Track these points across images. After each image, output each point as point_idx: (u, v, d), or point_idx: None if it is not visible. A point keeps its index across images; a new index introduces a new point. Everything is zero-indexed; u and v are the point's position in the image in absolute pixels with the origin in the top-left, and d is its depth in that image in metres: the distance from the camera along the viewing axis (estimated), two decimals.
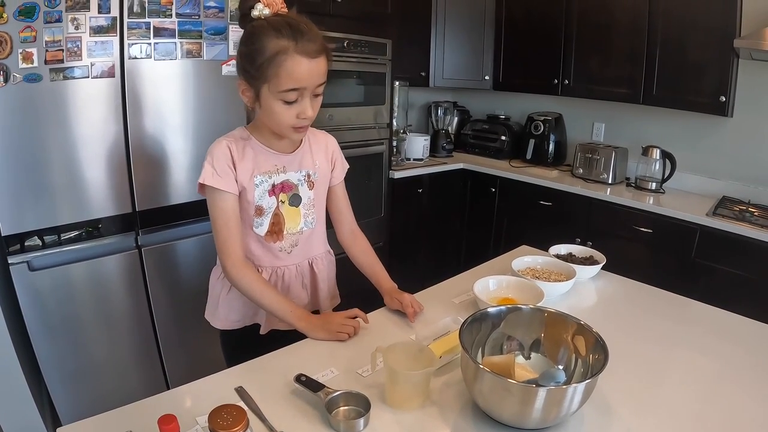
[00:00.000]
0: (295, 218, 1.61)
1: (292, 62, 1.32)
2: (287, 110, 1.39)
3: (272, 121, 1.44)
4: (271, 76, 1.34)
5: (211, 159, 1.47)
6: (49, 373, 2.28)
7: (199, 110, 2.50)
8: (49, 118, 2.08)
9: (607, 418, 1.17)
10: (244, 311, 1.64)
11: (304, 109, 1.40)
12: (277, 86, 1.35)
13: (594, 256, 2.04)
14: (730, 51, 3.02)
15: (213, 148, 1.49)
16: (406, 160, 4.25)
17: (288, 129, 1.44)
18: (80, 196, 2.23)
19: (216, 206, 1.47)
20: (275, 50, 1.32)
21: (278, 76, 1.33)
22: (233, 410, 0.94)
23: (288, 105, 1.38)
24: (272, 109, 1.39)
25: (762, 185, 3.34)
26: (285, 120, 1.41)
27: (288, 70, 1.33)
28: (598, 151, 3.78)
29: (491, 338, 1.29)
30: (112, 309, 2.41)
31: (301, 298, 1.68)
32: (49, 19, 2.00)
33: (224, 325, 1.67)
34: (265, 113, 1.43)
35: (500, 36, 4.31)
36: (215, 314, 1.67)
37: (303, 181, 1.60)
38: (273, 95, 1.37)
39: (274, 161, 1.54)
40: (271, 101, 1.38)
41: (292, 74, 1.33)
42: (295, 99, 1.38)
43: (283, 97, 1.37)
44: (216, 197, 1.47)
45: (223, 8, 2.43)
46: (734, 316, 1.71)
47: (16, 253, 2.11)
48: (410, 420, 1.14)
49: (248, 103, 1.45)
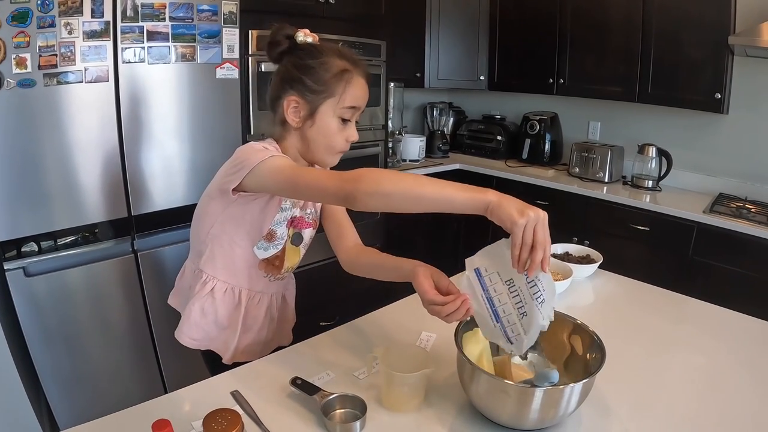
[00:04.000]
0: (293, 258, 1.57)
1: (356, 81, 1.39)
2: (340, 131, 1.41)
3: (324, 140, 1.42)
4: (337, 91, 1.37)
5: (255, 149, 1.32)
6: (47, 379, 2.27)
7: (194, 114, 2.49)
8: (43, 123, 2.08)
9: (605, 417, 1.17)
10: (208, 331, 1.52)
11: (353, 133, 1.43)
12: (343, 102, 1.38)
13: (591, 254, 2.04)
14: (725, 48, 3.03)
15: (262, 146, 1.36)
16: (402, 161, 4.26)
17: (333, 152, 1.45)
18: (76, 201, 2.22)
19: (281, 167, 1.27)
20: (342, 67, 1.37)
21: (345, 91, 1.37)
22: (228, 414, 0.94)
23: (342, 125, 1.41)
24: (329, 127, 1.40)
25: (759, 182, 3.34)
26: (337, 140, 1.42)
27: (354, 87, 1.38)
28: (594, 150, 3.78)
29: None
30: (108, 314, 2.40)
31: (267, 331, 1.62)
32: (43, 24, 2.00)
33: (183, 340, 1.52)
34: (318, 132, 1.41)
35: (495, 36, 4.32)
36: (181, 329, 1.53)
37: (310, 218, 1.57)
38: (334, 111, 1.39)
39: None
40: (330, 119, 1.39)
41: (356, 92, 1.39)
42: (349, 119, 1.41)
43: (343, 114, 1.39)
44: (274, 162, 1.27)
45: (217, 11, 2.42)
46: (732, 313, 1.71)
47: (12, 259, 2.10)
48: (407, 422, 1.14)
49: (296, 122, 1.40)
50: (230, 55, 2.53)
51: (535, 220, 1.02)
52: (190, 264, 1.59)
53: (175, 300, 1.70)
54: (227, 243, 1.47)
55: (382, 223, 3.87)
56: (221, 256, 1.48)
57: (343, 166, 1.75)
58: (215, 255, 1.48)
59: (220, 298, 1.50)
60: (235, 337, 1.53)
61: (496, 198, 1.05)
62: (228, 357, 1.54)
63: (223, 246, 1.47)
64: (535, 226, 1.02)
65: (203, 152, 2.54)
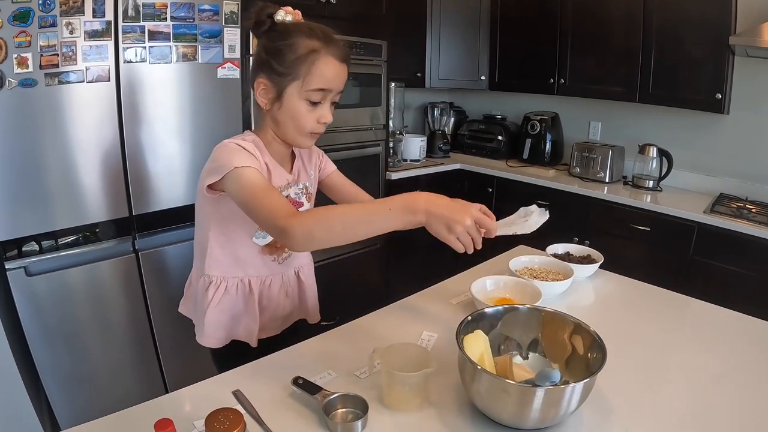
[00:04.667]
0: None
1: (324, 62, 1.34)
2: (310, 112, 1.39)
3: (292, 123, 1.41)
4: (303, 73, 1.34)
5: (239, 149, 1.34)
6: (48, 378, 2.27)
7: (195, 113, 2.49)
8: (44, 123, 2.08)
9: (606, 417, 1.17)
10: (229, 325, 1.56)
11: (325, 114, 1.40)
12: (308, 84, 1.35)
13: (591, 254, 2.04)
14: (726, 48, 3.02)
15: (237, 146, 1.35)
16: (403, 161, 4.25)
17: (304, 133, 1.42)
18: (77, 201, 2.22)
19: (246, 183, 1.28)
20: (309, 48, 1.33)
21: (310, 73, 1.34)
22: (230, 414, 0.94)
23: (311, 107, 1.38)
24: (296, 109, 1.38)
25: (759, 182, 3.34)
26: (306, 122, 1.40)
27: (320, 68, 1.34)
28: (595, 150, 3.78)
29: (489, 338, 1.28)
30: (109, 313, 2.41)
31: (283, 307, 1.64)
32: (44, 24, 2.00)
33: (212, 343, 1.57)
34: (286, 114, 1.40)
35: (495, 36, 4.32)
36: (202, 332, 1.56)
37: (302, 194, 1.58)
38: (299, 94, 1.36)
39: (285, 176, 1.52)
40: (296, 101, 1.37)
41: (323, 74, 1.35)
42: (319, 101, 1.38)
43: (310, 97, 1.37)
44: (244, 174, 1.29)
45: (218, 11, 2.42)
46: (733, 314, 1.71)
47: (13, 259, 2.10)
48: (408, 422, 1.14)
49: (265, 104, 1.42)
50: (231, 54, 2.53)
51: (463, 232, 1.17)
52: (196, 272, 1.60)
53: (185, 308, 1.71)
54: (227, 242, 1.50)
55: None
56: (224, 256, 1.51)
57: (344, 166, 1.77)
58: (218, 256, 1.51)
59: (234, 293, 1.54)
60: (256, 322, 1.56)
61: (425, 218, 1.17)
62: (253, 340, 1.57)
63: (224, 246, 1.50)
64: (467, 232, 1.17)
65: (204, 152, 2.51)
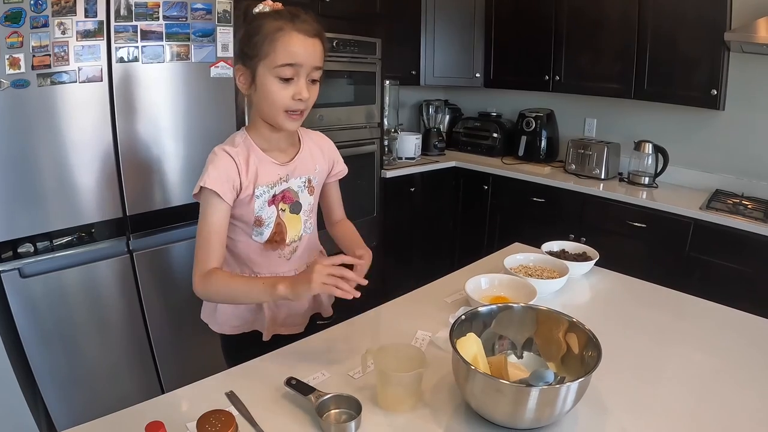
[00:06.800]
0: (296, 225, 1.58)
1: (288, 37, 1.34)
2: (282, 89, 1.37)
3: (266, 102, 1.40)
4: (268, 51, 1.34)
5: (214, 166, 1.40)
6: (43, 380, 2.26)
7: (188, 113, 2.48)
8: (37, 123, 2.07)
9: (602, 416, 1.17)
10: (245, 316, 1.60)
11: (300, 90, 1.38)
12: (274, 61, 1.35)
13: (587, 252, 2.03)
14: (721, 44, 3.02)
15: (217, 158, 1.42)
16: (398, 159, 4.25)
17: (282, 114, 1.41)
18: (71, 202, 2.21)
19: (206, 215, 1.40)
20: (273, 28, 1.35)
21: (275, 50, 1.34)
22: (221, 416, 0.93)
23: (283, 84, 1.37)
24: (267, 88, 1.38)
25: (755, 178, 3.34)
26: (280, 100, 1.38)
27: (284, 44, 1.34)
28: (591, 147, 3.78)
29: (483, 338, 1.28)
30: (105, 314, 2.40)
31: (302, 303, 1.65)
32: (36, 24, 1.99)
33: (224, 330, 1.61)
34: (261, 95, 1.40)
35: (490, 33, 4.31)
36: (214, 317, 1.61)
37: (304, 187, 1.57)
38: (269, 72, 1.36)
39: (277, 171, 1.50)
40: (267, 80, 1.37)
41: (287, 47, 1.34)
42: (291, 77, 1.37)
43: (279, 73, 1.36)
44: (210, 205, 1.39)
45: (211, 10, 2.41)
46: (729, 310, 1.71)
47: (8, 260, 2.10)
48: (402, 422, 1.14)
49: (244, 89, 1.44)
50: (225, 53, 2.52)
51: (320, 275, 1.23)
52: None
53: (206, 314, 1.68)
54: (231, 242, 1.53)
55: (379, 223, 3.87)
56: (231, 256, 1.57)
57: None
58: (226, 257, 1.52)
59: None
60: (271, 313, 1.59)
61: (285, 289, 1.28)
62: (268, 334, 1.59)
63: (229, 246, 1.53)
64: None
65: (198, 152, 2.53)
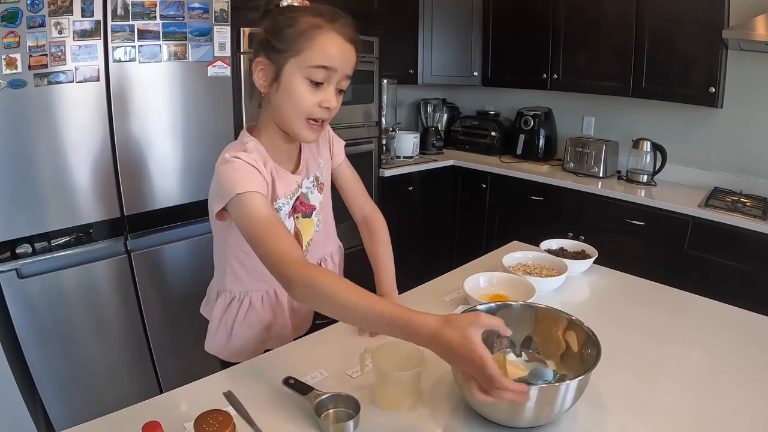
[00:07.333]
0: (309, 228, 1.52)
1: (327, 37, 1.23)
2: (310, 92, 1.26)
3: (290, 104, 1.27)
4: (303, 48, 1.22)
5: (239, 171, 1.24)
6: (42, 380, 2.26)
7: (186, 112, 2.48)
8: (34, 124, 2.07)
9: (601, 414, 1.16)
10: (262, 338, 1.51)
11: (329, 97, 1.27)
12: (308, 60, 1.22)
13: (586, 250, 2.03)
14: (719, 42, 3.03)
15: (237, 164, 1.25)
16: (396, 158, 4.25)
17: (302, 120, 1.29)
18: (69, 202, 2.21)
19: (253, 213, 1.20)
20: (311, 24, 1.22)
21: (311, 48, 1.22)
22: (219, 415, 0.93)
23: (312, 87, 1.25)
24: (294, 88, 1.25)
25: (753, 175, 3.34)
26: (305, 104, 1.26)
27: (322, 44, 1.22)
28: (589, 145, 3.78)
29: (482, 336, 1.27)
30: (103, 314, 2.40)
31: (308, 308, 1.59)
32: (32, 24, 1.98)
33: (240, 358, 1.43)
34: (284, 95, 1.27)
35: (488, 31, 4.31)
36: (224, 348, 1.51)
37: (312, 187, 1.50)
38: (299, 71, 1.24)
39: (294, 180, 1.42)
40: (296, 79, 1.24)
41: (325, 49, 1.22)
42: (322, 81, 1.25)
43: (310, 74, 1.24)
44: (249, 204, 1.21)
45: (208, 9, 2.41)
46: (728, 308, 1.71)
47: (5, 261, 2.09)
48: (401, 421, 1.13)
49: (263, 86, 1.30)
50: (222, 53, 2.52)
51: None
52: (217, 286, 1.54)
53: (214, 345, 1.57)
54: (245, 257, 1.43)
55: None
56: (244, 271, 1.46)
57: None
58: (238, 272, 1.46)
59: (259, 306, 1.49)
60: (287, 327, 1.54)
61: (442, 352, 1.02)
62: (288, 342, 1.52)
63: (243, 261, 1.44)
64: None
65: (195, 151, 2.53)
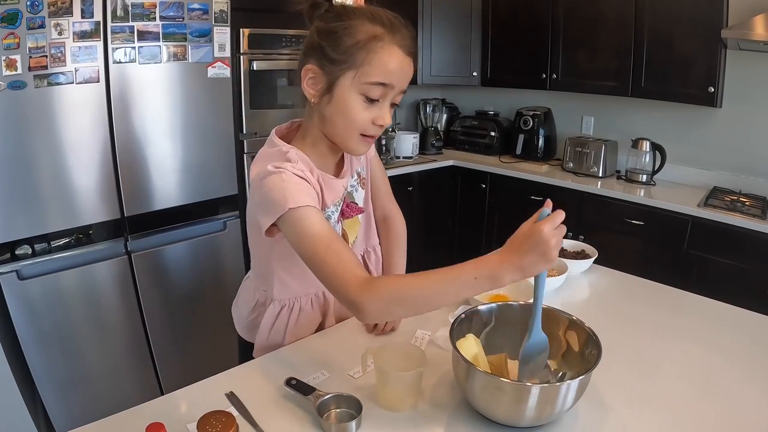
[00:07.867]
0: (354, 227, 1.49)
1: (388, 52, 1.14)
2: (365, 110, 1.18)
3: (342, 120, 1.20)
4: (362, 62, 1.14)
5: (288, 183, 1.15)
6: (42, 382, 2.26)
7: (186, 113, 2.48)
8: (34, 125, 2.07)
9: (603, 413, 1.17)
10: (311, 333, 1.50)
11: (383, 115, 1.20)
12: (367, 75, 1.15)
13: (586, 250, 2.03)
14: (718, 41, 3.02)
15: (285, 176, 1.16)
16: (396, 158, 4.25)
17: (356, 136, 1.22)
18: (69, 203, 2.21)
19: (309, 230, 1.12)
20: (370, 34, 1.14)
21: (370, 63, 1.14)
22: (222, 416, 0.93)
23: (367, 104, 1.18)
24: (348, 104, 1.18)
25: (752, 174, 3.34)
26: (359, 122, 1.19)
27: (382, 59, 1.14)
28: (588, 145, 3.78)
29: (482, 336, 1.28)
30: (103, 315, 2.40)
31: None
32: (32, 26, 1.99)
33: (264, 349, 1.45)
34: (335, 109, 1.20)
35: (487, 32, 4.31)
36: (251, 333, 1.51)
37: (357, 185, 1.45)
38: (355, 87, 1.16)
39: (340, 185, 1.37)
40: (350, 95, 1.17)
41: (385, 65, 1.15)
42: (377, 98, 1.18)
43: (367, 91, 1.16)
44: (306, 219, 1.13)
45: (207, 10, 2.41)
46: (728, 307, 1.71)
47: (5, 263, 2.09)
48: (403, 421, 1.14)
49: (313, 96, 1.21)
50: (222, 53, 2.52)
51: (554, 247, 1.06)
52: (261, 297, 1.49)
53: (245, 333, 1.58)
54: (292, 265, 1.36)
55: None
56: (293, 279, 1.42)
57: None
58: (286, 281, 1.42)
59: (310, 310, 1.48)
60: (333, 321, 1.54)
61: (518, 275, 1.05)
62: None
63: (290, 269, 1.39)
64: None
65: (195, 152, 2.53)
